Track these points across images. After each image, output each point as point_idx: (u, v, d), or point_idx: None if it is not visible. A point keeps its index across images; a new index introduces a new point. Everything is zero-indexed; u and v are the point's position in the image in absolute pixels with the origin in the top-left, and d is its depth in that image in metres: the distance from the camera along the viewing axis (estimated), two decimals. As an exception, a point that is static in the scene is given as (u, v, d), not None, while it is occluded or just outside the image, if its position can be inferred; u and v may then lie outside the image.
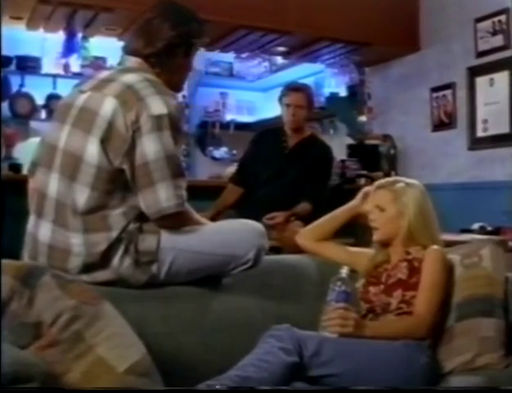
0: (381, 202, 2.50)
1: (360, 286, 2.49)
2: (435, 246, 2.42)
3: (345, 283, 2.23)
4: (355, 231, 2.90)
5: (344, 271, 2.26)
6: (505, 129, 4.52)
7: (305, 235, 2.79)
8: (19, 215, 2.33)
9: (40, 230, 2.17)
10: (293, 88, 4.41)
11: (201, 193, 2.60)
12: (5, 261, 1.79)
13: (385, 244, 2.52)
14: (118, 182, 2.12)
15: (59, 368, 1.59)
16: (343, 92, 6.23)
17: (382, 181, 2.62)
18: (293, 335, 2.09)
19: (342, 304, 2.18)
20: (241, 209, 4.22)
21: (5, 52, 5.58)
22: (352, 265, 2.58)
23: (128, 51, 2.37)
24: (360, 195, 2.66)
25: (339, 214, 2.72)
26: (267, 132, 4.56)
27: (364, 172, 5.41)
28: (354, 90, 6.11)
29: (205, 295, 2.29)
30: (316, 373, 2.05)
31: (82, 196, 2.09)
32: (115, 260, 2.11)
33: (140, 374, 1.62)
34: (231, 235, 2.32)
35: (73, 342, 1.65)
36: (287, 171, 4.21)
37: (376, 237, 2.52)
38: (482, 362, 2.20)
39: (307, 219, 3.78)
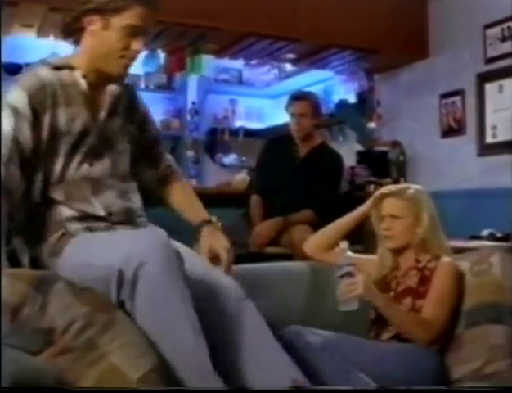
0: (396, 211, 2.49)
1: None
2: (448, 259, 2.42)
3: (346, 255, 2.32)
4: (363, 238, 2.90)
5: (343, 245, 2.33)
6: (514, 136, 4.51)
7: (312, 244, 2.77)
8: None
9: None
10: (296, 97, 4.43)
11: (211, 201, 2.59)
12: (18, 270, 1.80)
13: (397, 252, 2.51)
14: None
15: (71, 375, 1.60)
16: (352, 99, 6.22)
17: (391, 188, 2.59)
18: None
19: (347, 270, 2.26)
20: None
21: (15, 60, 5.62)
22: (361, 272, 2.59)
23: None
24: (370, 201, 2.64)
25: (346, 220, 2.70)
26: (278, 140, 4.56)
27: (373, 178, 5.40)
28: (363, 97, 6.10)
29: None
30: None
31: None
32: None
33: (153, 383, 1.62)
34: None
35: (86, 349, 1.65)
36: (299, 181, 4.21)
37: (392, 244, 2.50)
38: (491, 369, 2.19)
39: (315, 225, 3.79)
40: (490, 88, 4.73)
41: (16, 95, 2.10)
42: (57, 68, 2.19)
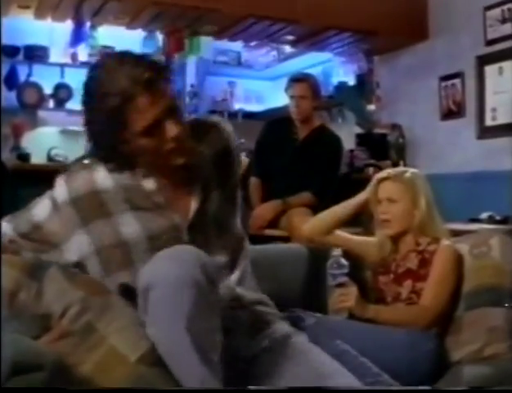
0: (393, 195, 2.47)
1: (369, 276, 2.49)
2: (448, 242, 2.41)
3: (340, 264, 2.29)
4: (363, 220, 2.89)
5: (337, 253, 2.31)
6: (514, 118, 4.50)
7: (311, 228, 2.76)
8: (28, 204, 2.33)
9: None
10: (296, 79, 4.42)
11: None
12: (11, 256, 1.79)
13: (395, 237, 2.50)
14: None
15: (72, 359, 1.60)
16: (351, 81, 6.21)
17: (389, 171, 2.57)
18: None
19: (340, 281, 2.25)
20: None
21: (13, 42, 5.60)
22: (361, 254, 2.58)
23: None
24: (369, 187, 2.61)
25: (346, 206, 2.68)
26: (277, 122, 4.55)
27: (372, 161, 5.39)
28: (362, 79, 6.09)
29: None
30: None
31: None
32: None
33: (151, 363, 1.62)
34: None
35: (85, 334, 1.65)
36: (298, 163, 4.20)
37: (390, 230, 2.47)
38: (490, 351, 2.19)
39: (314, 207, 3.79)
40: (490, 70, 4.72)
41: (58, 190, 1.85)
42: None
